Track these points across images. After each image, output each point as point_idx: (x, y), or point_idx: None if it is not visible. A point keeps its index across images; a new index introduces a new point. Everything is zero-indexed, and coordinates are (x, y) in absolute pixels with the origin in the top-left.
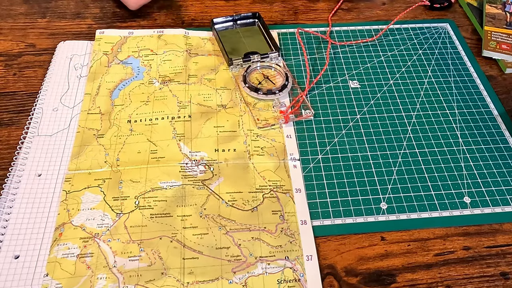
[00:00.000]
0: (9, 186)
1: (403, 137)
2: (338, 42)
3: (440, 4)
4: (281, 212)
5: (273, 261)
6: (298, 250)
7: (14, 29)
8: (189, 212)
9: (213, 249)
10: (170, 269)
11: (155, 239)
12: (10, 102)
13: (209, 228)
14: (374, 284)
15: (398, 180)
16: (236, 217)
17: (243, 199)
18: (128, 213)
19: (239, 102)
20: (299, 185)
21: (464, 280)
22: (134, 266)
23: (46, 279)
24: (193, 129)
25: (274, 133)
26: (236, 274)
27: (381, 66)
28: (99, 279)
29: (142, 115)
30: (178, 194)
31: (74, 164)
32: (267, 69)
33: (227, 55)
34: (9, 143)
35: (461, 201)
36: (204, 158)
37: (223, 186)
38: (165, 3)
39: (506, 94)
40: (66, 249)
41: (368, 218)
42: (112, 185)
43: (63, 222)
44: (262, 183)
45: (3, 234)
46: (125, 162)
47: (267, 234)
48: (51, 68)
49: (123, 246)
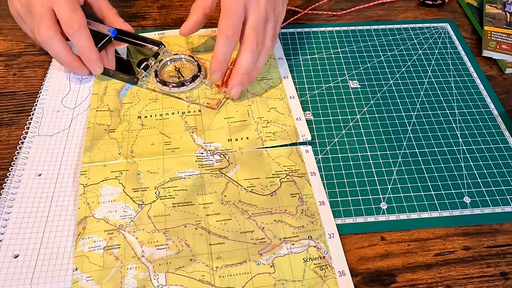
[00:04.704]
0: (9, 186)
1: (403, 137)
2: (338, 41)
3: (433, 1)
4: (299, 195)
5: (297, 241)
6: (319, 229)
7: (14, 29)
8: (210, 200)
9: (238, 234)
10: (198, 255)
11: (180, 227)
12: (10, 102)
13: (232, 214)
14: (374, 284)
15: (398, 180)
16: (256, 202)
17: (261, 185)
18: (150, 203)
19: (246, 93)
20: (313, 168)
21: (464, 280)
22: (162, 254)
23: (75, 273)
24: (204, 122)
25: (284, 118)
26: (263, 256)
27: (381, 66)
28: (129, 269)
29: (152, 111)
30: (197, 183)
31: (88, 157)
32: (177, 61)
33: (129, 75)
34: (9, 143)
35: (461, 201)
36: (218, 148)
37: (240, 173)
38: (165, 3)
39: (506, 94)
40: (92, 242)
41: (368, 218)
42: (130, 176)
43: (85, 216)
44: (277, 169)
45: (2, 234)
46: (140, 154)
47: (288, 216)
48: (51, 68)
49: (149, 235)
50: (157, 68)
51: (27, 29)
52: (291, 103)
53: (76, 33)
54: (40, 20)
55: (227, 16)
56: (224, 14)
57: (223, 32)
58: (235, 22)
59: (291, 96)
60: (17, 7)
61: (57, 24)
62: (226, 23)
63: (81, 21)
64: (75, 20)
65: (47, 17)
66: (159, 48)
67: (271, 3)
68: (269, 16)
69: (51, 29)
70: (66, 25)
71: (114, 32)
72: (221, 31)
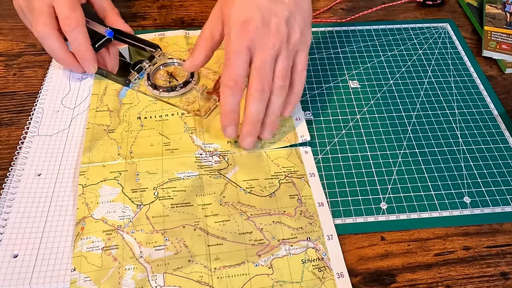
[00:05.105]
0: (8, 185)
1: (403, 137)
2: (338, 41)
3: (433, 1)
4: (298, 196)
5: (295, 242)
6: (318, 230)
7: (14, 29)
8: (209, 201)
9: (236, 235)
10: (196, 256)
11: (178, 228)
12: (10, 102)
13: (230, 215)
14: (374, 284)
15: (398, 180)
16: (255, 203)
17: (260, 186)
18: (148, 204)
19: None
20: (312, 169)
21: (464, 280)
22: (160, 255)
23: (74, 274)
24: (204, 123)
25: (283, 120)
26: (261, 257)
27: (381, 66)
28: (127, 270)
29: (152, 112)
30: (196, 184)
31: (87, 157)
32: (170, 66)
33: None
34: (9, 143)
35: (461, 201)
36: (217, 150)
37: (239, 174)
38: (165, 3)
39: (506, 94)
40: (90, 242)
41: (368, 218)
42: (128, 177)
43: (83, 216)
44: (276, 170)
45: (2, 233)
46: (139, 154)
47: (287, 217)
48: (51, 68)
49: (147, 236)
50: (150, 72)
51: (28, 23)
52: None
53: (73, 32)
54: (38, 16)
55: (228, 64)
56: (226, 62)
57: (224, 83)
58: (237, 71)
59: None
60: (19, 1)
61: (55, 21)
62: (227, 74)
63: (79, 20)
64: (73, 19)
65: (45, 14)
66: (155, 51)
67: (281, 35)
68: (281, 51)
69: (48, 25)
70: (63, 23)
71: (110, 34)
72: (223, 83)
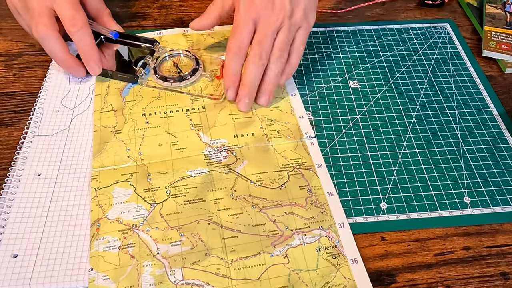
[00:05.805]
0: (8, 185)
1: (403, 137)
2: (338, 41)
3: (433, 1)
4: (308, 186)
5: (308, 231)
6: (330, 219)
7: (14, 29)
8: (221, 196)
9: (250, 227)
10: (213, 249)
11: (192, 224)
12: (10, 102)
13: (243, 208)
14: (374, 284)
15: (398, 180)
16: (266, 195)
17: (270, 178)
18: (161, 202)
19: None
20: (319, 160)
21: (464, 280)
22: (177, 250)
23: (92, 273)
24: (209, 119)
25: (287, 116)
26: (276, 247)
27: (381, 66)
28: (145, 266)
29: (156, 108)
30: (206, 180)
31: (97, 161)
32: (175, 56)
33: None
34: (9, 143)
35: (461, 201)
36: (225, 145)
37: (248, 168)
38: (165, 3)
39: (506, 94)
40: (107, 242)
41: (368, 218)
42: (140, 178)
43: (98, 217)
44: (284, 162)
45: (1, 233)
46: (149, 156)
47: (298, 207)
48: (51, 68)
49: (163, 233)
50: (156, 65)
51: (24, 23)
52: (293, 101)
53: (79, 32)
54: (38, 17)
55: (235, 33)
56: (233, 31)
57: (230, 48)
58: (242, 39)
59: (292, 94)
60: (14, 1)
61: (55, 22)
62: (233, 41)
63: (84, 20)
64: (78, 19)
65: (45, 15)
66: (154, 45)
67: (285, 11)
68: (283, 26)
69: (48, 26)
70: (69, 23)
71: (116, 35)
72: (228, 48)
